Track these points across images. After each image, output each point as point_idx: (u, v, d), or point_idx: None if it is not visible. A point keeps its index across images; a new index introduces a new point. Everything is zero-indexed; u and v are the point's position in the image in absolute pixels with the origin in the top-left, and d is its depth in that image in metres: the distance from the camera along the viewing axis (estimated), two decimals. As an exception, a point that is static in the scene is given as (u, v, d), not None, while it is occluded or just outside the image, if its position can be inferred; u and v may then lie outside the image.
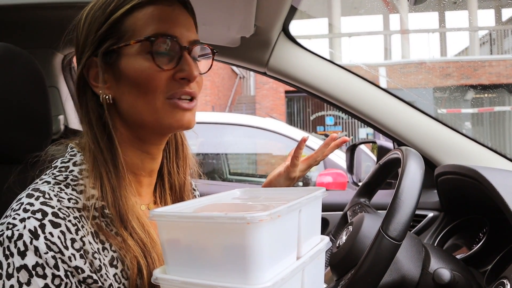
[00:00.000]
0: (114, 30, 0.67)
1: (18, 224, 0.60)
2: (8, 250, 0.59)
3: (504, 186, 0.84)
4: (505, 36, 13.65)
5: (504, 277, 0.74)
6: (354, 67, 1.54)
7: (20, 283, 0.58)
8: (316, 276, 0.65)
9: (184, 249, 0.53)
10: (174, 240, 0.54)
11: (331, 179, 3.06)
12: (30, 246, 0.59)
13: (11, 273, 0.58)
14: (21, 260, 0.58)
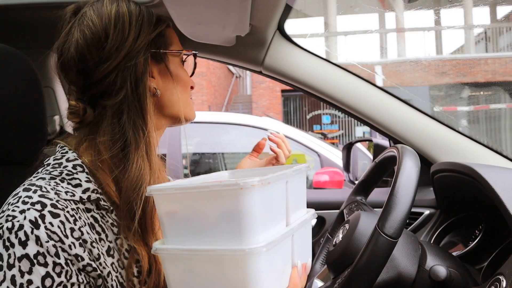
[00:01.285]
0: (162, 36, 0.79)
1: (18, 216, 0.61)
2: (8, 241, 0.60)
3: (499, 183, 0.84)
4: (500, 34, 13.71)
5: (500, 274, 0.75)
6: (350, 66, 1.54)
7: (22, 272, 0.59)
8: (304, 244, 0.70)
9: (181, 219, 0.56)
10: (171, 212, 0.57)
11: (327, 177, 3.07)
12: (31, 235, 0.60)
13: (12, 263, 0.59)
14: (23, 250, 0.60)
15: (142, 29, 0.74)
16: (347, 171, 1.71)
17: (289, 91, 13.59)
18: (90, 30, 0.72)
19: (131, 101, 0.72)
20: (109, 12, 0.72)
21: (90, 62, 0.72)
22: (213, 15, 1.07)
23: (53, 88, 1.46)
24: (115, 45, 0.71)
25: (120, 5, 0.74)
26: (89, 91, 0.74)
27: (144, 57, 0.74)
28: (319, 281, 1.02)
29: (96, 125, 0.74)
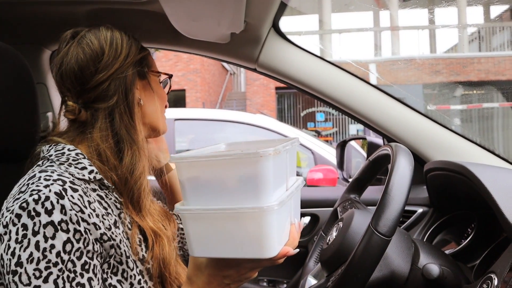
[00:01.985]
0: (144, 61, 0.94)
1: (43, 189, 0.71)
2: (34, 211, 0.68)
3: (492, 182, 0.85)
4: (494, 33, 13.80)
5: (491, 272, 0.75)
6: (344, 64, 1.54)
7: (46, 237, 0.68)
8: (297, 206, 0.82)
9: (203, 184, 0.64)
10: (193, 177, 0.65)
11: (321, 175, 3.08)
12: (56, 205, 0.69)
13: (37, 230, 0.68)
14: (48, 218, 0.68)
15: (131, 50, 0.90)
16: (341, 169, 1.71)
17: (283, 88, 13.59)
18: (89, 47, 0.86)
19: (122, 106, 0.86)
20: (105, 36, 0.88)
21: (87, 72, 0.85)
22: (208, 12, 1.06)
23: (46, 84, 1.45)
24: (109, 59, 0.86)
25: (114, 32, 0.90)
26: (84, 96, 0.87)
27: (132, 71, 0.89)
28: (312, 279, 1.02)
29: (90, 124, 0.86)
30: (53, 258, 0.68)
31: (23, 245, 0.67)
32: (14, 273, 0.67)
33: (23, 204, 0.69)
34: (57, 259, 0.68)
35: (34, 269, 0.67)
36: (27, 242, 0.67)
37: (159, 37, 1.37)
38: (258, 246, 0.62)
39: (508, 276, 0.71)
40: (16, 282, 0.66)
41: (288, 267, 1.55)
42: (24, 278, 0.66)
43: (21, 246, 0.67)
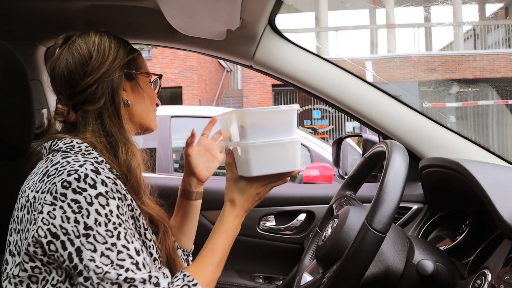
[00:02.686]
0: (133, 62, 0.98)
1: (80, 169, 0.77)
2: (79, 188, 0.75)
3: (486, 178, 0.86)
4: (489, 31, 13.85)
5: (485, 268, 0.76)
6: (341, 61, 1.55)
7: (102, 205, 0.76)
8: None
9: (259, 127, 0.88)
10: (253, 123, 0.88)
11: (317, 172, 3.08)
12: (97, 179, 0.77)
13: (90, 201, 0.75)
14: (95, 190, 0.76)
15: (118, 54, 0.94)
16: (336, 166, 1.72)
17: (280, 85, 13.59)
18: (78, 52, 0.91)
19: (109, 107, 0.91)
20: (94, 40, 0.93)
21: (76, 75, 0.90)
22: (203, 8, 1.06)
23: (41, 81, 1.44)
24: (97, 63, 0.91)
25: (102, 36, 0.95)
26: (73, 99, 0.92)
27: (119, 74, 0.93)
28: (308, 275, 1.03)
29: (82, 125, 0.91)
30: (115, 219, 0.77)
31: (83, 214, 0.74)
32: (87, 236, 0.74)
33: (64, 183, 0.75)
34: (119, 220, 0.77)
35: (105, 230, 0.75)
36: (87, 211, 0.74)
37: (155, 34, 1.37)
38: (293, 163, 0.91)
39: (502, 271, 0.72)
40: (91, 242, 0.73)
41: (283, 263, 1.55)
42: (100, 238, 0.74)
43: (82, 215, 0.74)
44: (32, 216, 0.77)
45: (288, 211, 1.55)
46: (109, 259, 0.74)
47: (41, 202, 0.76)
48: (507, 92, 12.62)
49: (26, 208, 0.79)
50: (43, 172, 0.81)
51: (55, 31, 0.92)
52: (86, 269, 0.73)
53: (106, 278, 0.73)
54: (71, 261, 0.73)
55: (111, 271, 0.73)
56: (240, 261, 1.57)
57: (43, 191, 0.77)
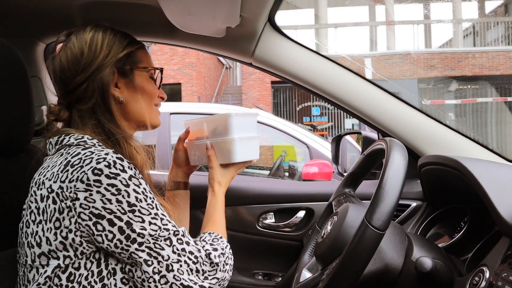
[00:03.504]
0: (130, 56, 0.98)
1: (107, 156, 0.82)
2: (112, 173, 0.80)
3: (484, 176, 0.86)
4: (488, 28, 13.83)
5: (483, 265, 0.76)
6: (340, 58, 1.55)
7: (137, 185, 0.82)
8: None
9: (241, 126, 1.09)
10: (236, 123, 1.08)
11: (317, 169, 3.08)
12: (124, 164, 0.82)
13: (126, 183, 0.81)
14: (126, 174, 0.82)
15: (112, 50, 0.94)
16: (336, 163, 1.72)
17: (279, 82, 13.57)
18: (71, 50, 0.93)
19: (101, 106, 0.93)
20: (86, 37, 0.94)
21: (68, 74, 0.92)
22: (203, 6, 1.06)
23: (40, 77, 1.44)
24: (88, 61, 0.92)
25: (96, 32, 0.95)
26: (67, 97, 0.94)
27: (110, 71, 0.93)
28: (307, 272, 1.03)
29: (79, 122, 0.93)
30: (150, 195, 0.85)
31: (123, 195, 0.80)
32: (133, 211, 0.81)
33: (95, 171, 0.80)
34: (151, 194, 0.85)
35: (147, 204, 0.83)
36: (126, 192, 0.81)
37: (154, 30, 1.37)
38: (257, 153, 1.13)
39: (500, 268, 0.72)
40: (138, 215, 0.81)
41: (283, 260, 1.56)
42: (144, 211, 0.82)
43: (122, 195, 0.80)
44: (64, 205, 0.81)
45: (287, 208, 1.56)
46: (157, 225, 0.83)
47: (72, 190, 0.80)
48: (506, 89, 12.62)
49: (50, 199, 0.82)
50: (64, 164, 0.83)
51: (54, 28, 0.92)
52: (140, 236, 0.81)
53: (160, 236, 0.83)
54: (122, 232, 0.80)
55: (162, 231, 0.83)
56: (240, 258, 1.57)
57: (71, 180, 0.80)
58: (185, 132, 1.22)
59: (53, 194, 0.82)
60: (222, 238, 0.97)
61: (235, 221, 1.55)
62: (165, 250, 0.83)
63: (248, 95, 13.97)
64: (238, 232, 1.55)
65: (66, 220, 0.81)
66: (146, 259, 0.82)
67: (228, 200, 1.47)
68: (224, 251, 0.93)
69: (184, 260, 0.85)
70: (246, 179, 1.63)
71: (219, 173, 1.10)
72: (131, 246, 0.81)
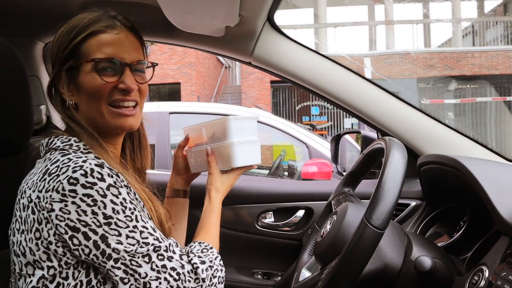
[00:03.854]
0: (74, 52, 0.88)
1: (84, 164, 0.77)
2: (88, 183, 0.76)
3: (483, 175, 0.86)
4: (487, 28, 13.83)
5: (482, 264, 0.76)
6: (339, 58, 1.54)
7: (115, 195, 0.77)
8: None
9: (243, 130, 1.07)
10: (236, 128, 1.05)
11: (316, 168, 3.09)
12: (103, 172, 0.78)
13: (103, 193, 0.76)
14: (105, 183, 0.77)
15: (59, 50, 0.89)
16: (335, 163, 1.72)
17: (279, 82, 13.57)
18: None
19: (63, 115, 0.90)
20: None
21: None
22: (202, 5, 1.06)
23: (39, 77, 1.44)
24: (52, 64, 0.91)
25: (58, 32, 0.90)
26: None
27: (58, 73, 0.89)
28: (307, 272, 1.03)
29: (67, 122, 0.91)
30: (130, 205, 0.79)
31: (99, 206, 0.76)
32: (108, 224, 0.76)
33: (71, 180, 0.76)
34: (132, 205, 0.80)
35: (124, 216, 0.77)
36: (102, 203, 0.76)
37: (153, 30, 1.37)
38: (259, 158, 1.09)
39: (499, 268, 0.72)
40: (114, 228, 0.76)
41: (282, 260, 1.56)
42: (121, 223, 0.77)
43: (98, 207, 0.76)
44: (41, 216, 0.77)
45: (287, 208, 1.56)
46: (135, 239, 0.78)
47: (48, 200, 0.76)
48: (505, 89, 12.63)
49: (29, 208, 0.79)
50: (43, 171, 0.80)
51: (53, 27, 0.91)
52: (115, 251, 0.76)
53: (137, 253, 0.77)
54: (97, 248, 0.76)
55: (140, 247, 0.78)
56: (239, 257, 1.58)
57: (48, 190, 0.77)
58: (185, 139, 1.17)
59: (32, 204, 0.79)
60: (212, 248, 0.91)
61: (235, 220, 1.55)
62: (143, 267, 0.78)
63: (247, 94, 13.96)
64: (237, 231, 1.55)
65: (44, 232, 0.77)
66: (122, 277, 0.77)
67: (228, 200, 1.47)
68: (213, 264, 0.87)
69: (164, 277, 0.79)
70: (246, 179, 1.62)
71: (218, 179, 1.06)
72: (107, 263, 0.77)
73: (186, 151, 1.17)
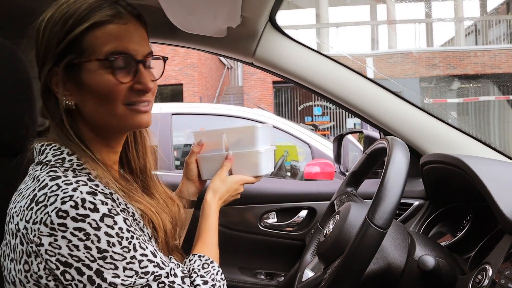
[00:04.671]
0: (74, 46, 0.75)
1: (74, 193, 0.69)
2: (79, 215, 0.68)
3: (487, 174, 0.86)
4: (490, 26, 13.79)
5: (486, 263, 0.76)
6: (341, 58, 1.54)
7: (109, 226, 0.70)
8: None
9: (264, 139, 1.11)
10: (261, 135, 1.09)
11: (318, 169, 3.08)
12: (96, 201, 0.70)
13: (96, 226, 0.69)
14: (98, 213, 0.69)
15: (50, 44, 0.76)
16: (338, 163, 1.72)
17: (281, 82, 13.57)
18: None
19: (56, 116, 0.79)
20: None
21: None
22: (204, 6, 1.06)
23: (42, 79, 1.44)
24: (37, 59, 0.79)
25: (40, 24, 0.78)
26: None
27: (51, 70, 0.77)
28: (310, 272, 1.03)
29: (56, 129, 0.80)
30: (127, 235, 0.72)
31: (93, 240, 0.69)
32: (103, 258, 0.69)
33: (60, 213, 0.68)
34: (130, 233, 0.72)
35: (121, 248, 0.70)
36: (96, 236, 0.69)
37: (155, 31, 1.37)
38: (272, 166, 1.13)
39: (502, 266, 0.72)
40: (110, 262, 0.69)
41: (285, 260, 1.56)
42: (117, 256, 0.70)
43: (91, 241, 0.69)
44: (30, 249, 0.70)
45: (290, 208, 1.56)
46: (133, 270, 0.71)
47: (36, 233, 0.69)
48: (508, 87, 12.59)
49: (18, 238, 0.72)
50: (31, 198, 0.72)
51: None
52: (112, 285, 0.70)
53: (136, 285, 0.71)
54: (92, 283, 0.69)
55: (139, 278, 0.72)
56: (242, 257, 1.58)
57: (35, 222, 0.69)
58: (199, 145, 1.11)
59: (20, 233, 0.71)
60: (212, 262, 0.87)
61: (238, 221, 1.55)
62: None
63: (249, 95, 13.97)
64: (240, 232, 1.55)
65: (34, 265, 0.70)
66: None
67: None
68: (215, 282, 0.83)
69: None
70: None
71: (217, 181, 1.03)
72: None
73: (200, 157, 1.12)
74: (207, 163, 1.11)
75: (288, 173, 4.29)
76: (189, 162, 1.12)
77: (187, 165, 1.13)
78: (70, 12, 0.75)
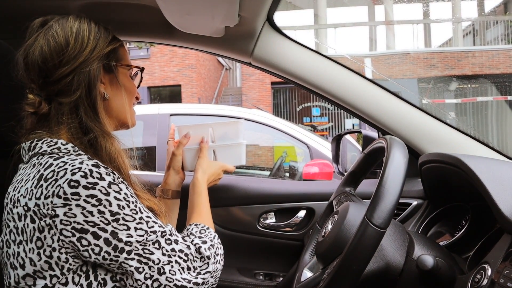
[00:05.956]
0: (114, 52, 0.95)
1: (82, 165, 0.78)
2: (89, 184, 0.76)
3: (485, 173, 0.85)
4: (488, 27, 13.83)
5: (485, 262, 0.76)
6: (340, 58, 1.54)
7: (117, 191, 0.79)
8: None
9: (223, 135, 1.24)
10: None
11: (317, 169, 3.08)
12: (101, 171, 0.78)
13: (106, 192, 0.77)
14: (104, 181, 0.78)
15: (98, 43, 0.90)
16: (336, 163, 1.72)
17: (279, 83, 13.58)
18: (54, 39, 0.86)
19: (85, 100, 0.88)
20: (72, 27, 0.88)
21: (50, 64, 0.85)
22: (202, 5, 1.06)
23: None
24: (74, 52, 0.86)
25: (81, 22, 0.90)
26: (47, 89, 0.87)
27: (98, 66, 0.90)
28: (308, 272, 1.03)
29: (55, 118, 0.87)
30: (132, 199, 0.81)
31: (104, 204, 0.77)
32: (116, 220, 0.78)
33: (72, 183, 0.76)
34: (133, 198, 0.82)
35: (130, 210, 0.79)
36: (106, 201, 0.77)
37: (153, 31, 1.37)
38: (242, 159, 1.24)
39: (501, 266, 0.72)
40: (123, 223, 0.78)
41: (284, 260, 1.55)
42: (128, 217, 0.79)
43: (103, 205, 0.77)
44: (43, 223, 0.76)
45: (288, 208, 1.55)
46: (143, 229, 0.80)
47: (49, 207, 0.76)
48: (506, 88, 12.61)
49: (28, 218, 0.78)
50: (37, 178, 0.79)
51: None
52: (128, 244, 0.78)
53: (148, 241, 0.80)
54: (109, 244, 0.77)
55: (149, 235, 0.81)
56: (241, 258, 1.57)
57: (47, 196, 0.76)
58: (186, 137, 1.20)
59: (30, 212, 0.77)
60: (209, 228, 0.97)
61: (236, 221, 1.55)
62: (155, 254, 0.81)
63: (248, 96, 13.97)
64: (238, 232, 1.55)
65: (48, 239, 0.77)
66: (137, 267, 0.79)
67: (229, 200, 1.47)
68: (213, 242, 0.92)
69: (175, 260, 0.83)
70: (247, 179, 1.63)
71: (206, 162, 1.16)
72: (120, 256, 0.78)
73: (185, 149, 1.22)
74: (191, 154, 1.22)
75: (287, 174, 4.29)
76: (177, 154, 1.20)
77: (174, 157, 1.20)
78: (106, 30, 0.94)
